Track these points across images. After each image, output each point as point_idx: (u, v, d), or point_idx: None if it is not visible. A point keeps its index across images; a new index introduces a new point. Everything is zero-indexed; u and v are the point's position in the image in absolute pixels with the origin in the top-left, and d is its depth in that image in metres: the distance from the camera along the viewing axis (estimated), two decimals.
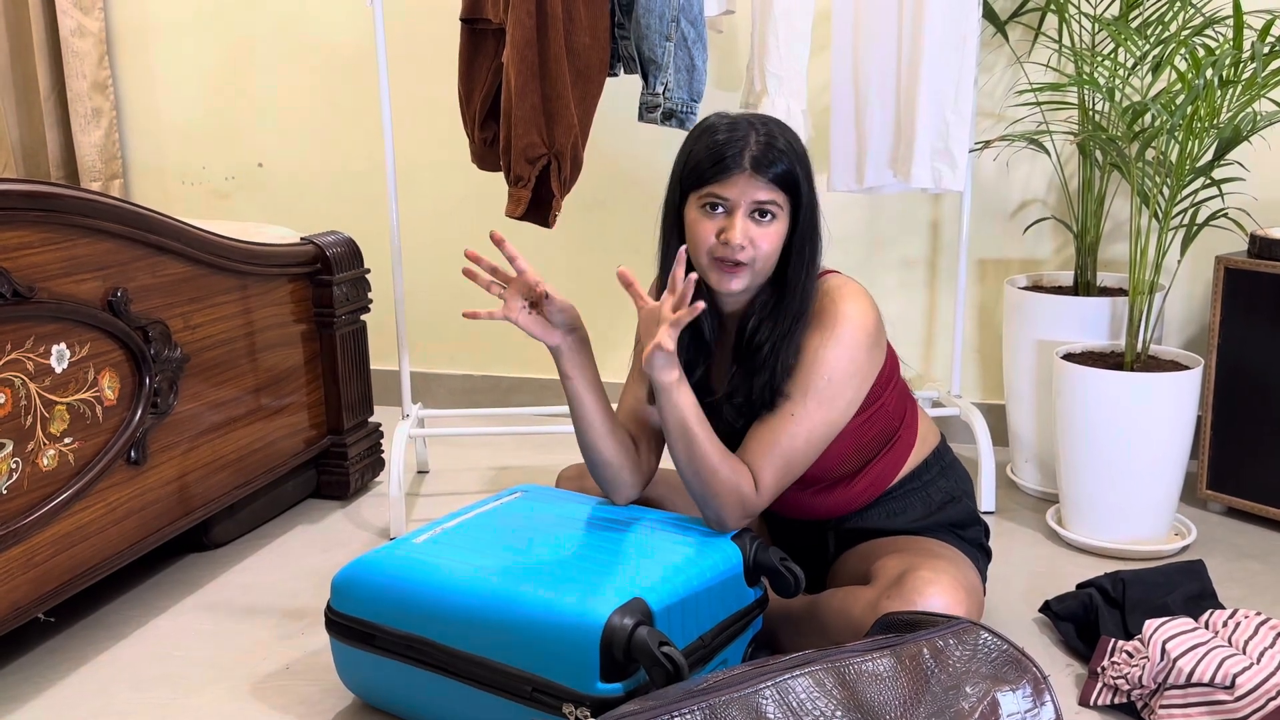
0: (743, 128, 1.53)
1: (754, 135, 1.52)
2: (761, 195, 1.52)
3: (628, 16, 2.14)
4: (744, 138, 1.52)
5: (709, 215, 1.54)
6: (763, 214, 1.53)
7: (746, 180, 1.51)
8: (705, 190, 1.53)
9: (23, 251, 1.64)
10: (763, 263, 1.55)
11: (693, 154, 1.56)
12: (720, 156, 1.51)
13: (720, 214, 1.53)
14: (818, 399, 1.56)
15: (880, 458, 1.69)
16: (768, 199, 1.52)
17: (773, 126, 1.55)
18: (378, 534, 2.30)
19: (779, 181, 1.52)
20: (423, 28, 2.90)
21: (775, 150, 1.52)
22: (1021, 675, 1.19)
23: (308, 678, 1.74)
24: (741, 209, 1.52)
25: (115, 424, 1.84)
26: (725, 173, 1.51)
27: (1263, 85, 1.97)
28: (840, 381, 1.56)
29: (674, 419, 1.53)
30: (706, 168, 1.52)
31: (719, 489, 1.55)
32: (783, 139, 1.54)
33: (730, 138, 1.52)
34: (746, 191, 1.51)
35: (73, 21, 3.12)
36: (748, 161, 1.51)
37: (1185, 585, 1.81)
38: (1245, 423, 2.22)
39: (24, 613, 1.68)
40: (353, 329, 2.47)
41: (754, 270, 1.55)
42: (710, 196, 1.53)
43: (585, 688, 1.36)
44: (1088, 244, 2.38)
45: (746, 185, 1.51)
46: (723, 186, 1.52)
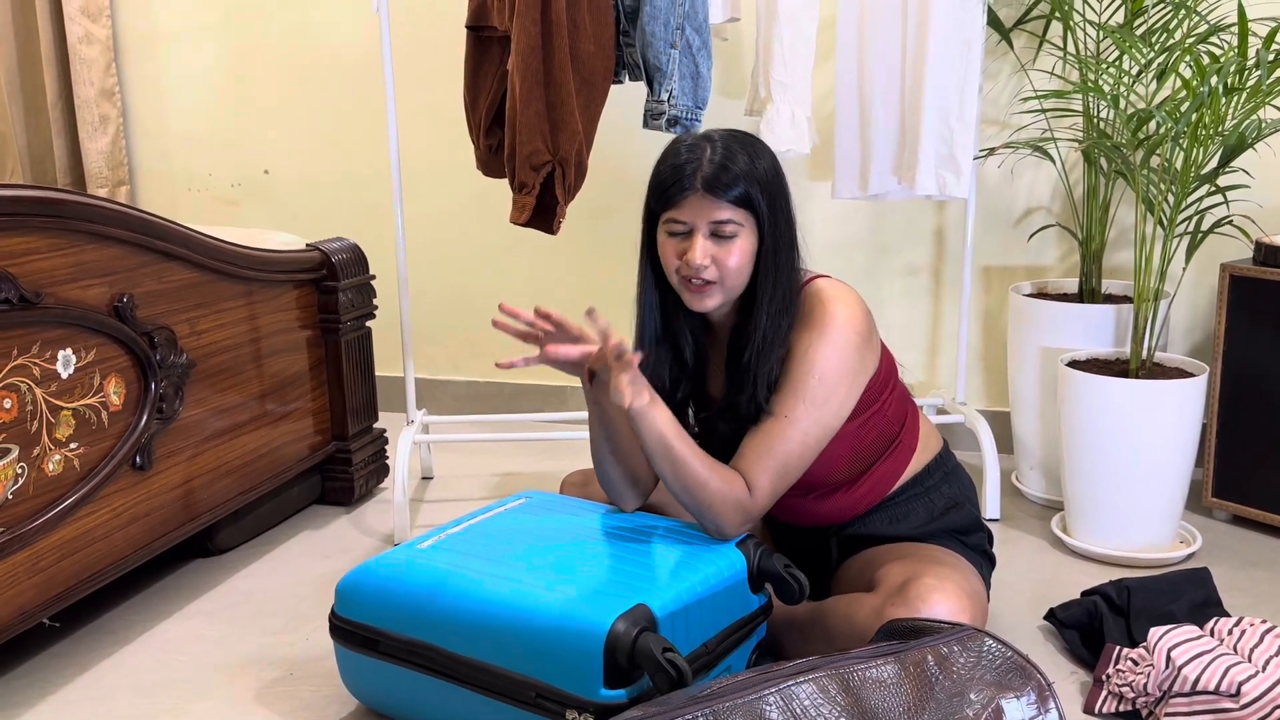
0: (699, 149, 1.54)
1: (708, 156, 1.52)
2: (718, 215, 1.52)
3: (632, 24, 2.15)
4: (698, 159, 1.52)
5: (673, 238, 1.56)
6: (721, 235, 1.53)
7: (699, 200, 1.52)
8: (666, 215, 1.56)
9: (30, 257, 1.64)
10: (731, 279, 1.55)
11: (656, 175, 1.58)
12: (676, 178, 1.53)
13: (682, 237, 1.55)
14: (809, 400, 1.56)
15: (880, 463, 1.69)
16: (724, 218, 1.52)
17: (734, 145, 1.54)
18: (382, 540, 2.30)
19: (736, 201, 1.52)
20: (428, 35, 2.91)
21: (729, 171, 1.51)
22: (1026, 682, 1.19)
23: (312, 683, 1.74)
24: (700, 230, 1.53)
25: (121, 429, 1.85)
26: (680, 194, 1.53)
27: (1267, 93, 1.97)
28: (831, 382, 1.56)
29: (653, 440, 1.53)
30: (665, 189, 1.55)
31: (711, 499, 1.55)
32: (743, 156, 1.53)
33: (687, 159, 1.53)
34: (701, 212, 1.52)
35: (80, 29, 3.13)
36: (699, 183, 1.51)
37: (1190, 593, 1.81)
38: (1251, 430, 2.21)
39: (29, 618, 1.69)
40: (358, 335, 2.48)
41: (724, 287, 1.56)
42: (671, 220, 1.55)
43: (589, 694, 1.36)
44: (1092, 251, 2.38)
45: (700, 206, 1.52)
46: (679, 210, 1.53)
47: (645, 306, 1.64)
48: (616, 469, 1.66)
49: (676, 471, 1.54)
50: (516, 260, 3.05)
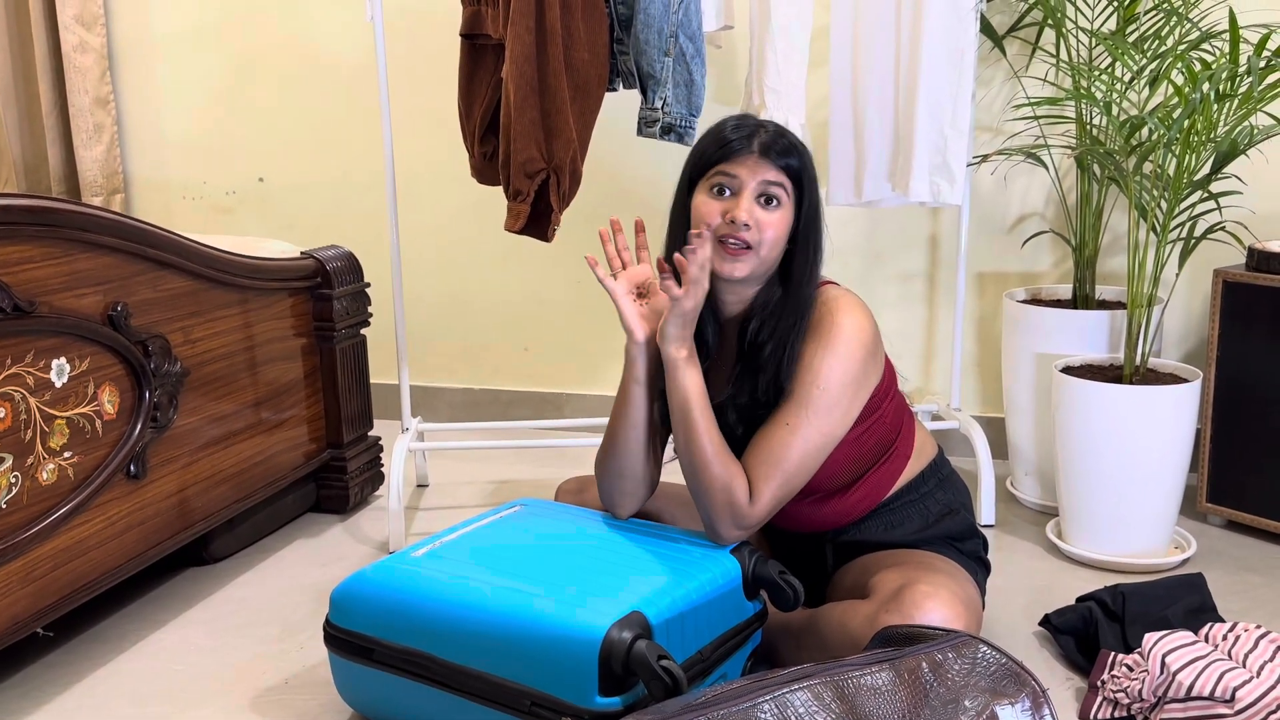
0: (753, 120, 1.60)
1: (764, 127, 1.59)
2: (770, 176, 1.56)
3: (626, 32, 2.15)
4: (754, 126, 1.59)
5: (716, 197, 1.57)
6: (769, 199, 1.56)
7: (755, 161, 1.56)
8: (713, 171, 1.57)
9: (23, 266, 1.64)
10: (767, 249, 1.57)
11: (702, 145, 1.61)
12: (729, 140, 1.57)
13: (728, 196, 1.57)
14: (814, 410, 1.56)
15: (876, 469, 1.70)
16: (775, 180, 1.56)
17: (785, 128, 1.62)
18: (377, 548, 2.29)
19: (786, 169, 1.56)
20: (423, 43, 2.91)
21: (785, 141, 1.58)
22: (1021, 689, 1.19)
23: (307, 692, 1.74)
24: (749, 190, 1.56)
25: (115, 438, 1.85)
26: (734, 153, 1.56)
27: (1259, 99, 1.98)
28: (836, 393, 1.57)
29: (678, 398, 1.56)
30: (714, 152, 1.58)
31: (709, 483, 1.55)
32: (794, 137, 1.60)
33: (740, 125, 1.59)
34: (755, 172, 1.55)
35: (75, 37, 3.13)
36: (757, 146, 1.56)
37: (1185, 598, 1.81)
38: (1245, 435, 2.22)
39: (23, 627, 1.68)
40: (353, 343, 2.48)
41: (758, 256, 1.57)
42: (719, 176, 1.57)
43: (584, 701, 1.36)
44: (1086, 257, 2.38)
45: (755, 166, 1.56)
46: (731, 165, 1.56)
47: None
48: (626, 465, 1.65)
49: (688, 438, 1.56)
50: (511, 267, 3.05)
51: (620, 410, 1.64)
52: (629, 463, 1.65)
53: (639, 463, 1.65)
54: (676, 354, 1.56)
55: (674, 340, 1.55)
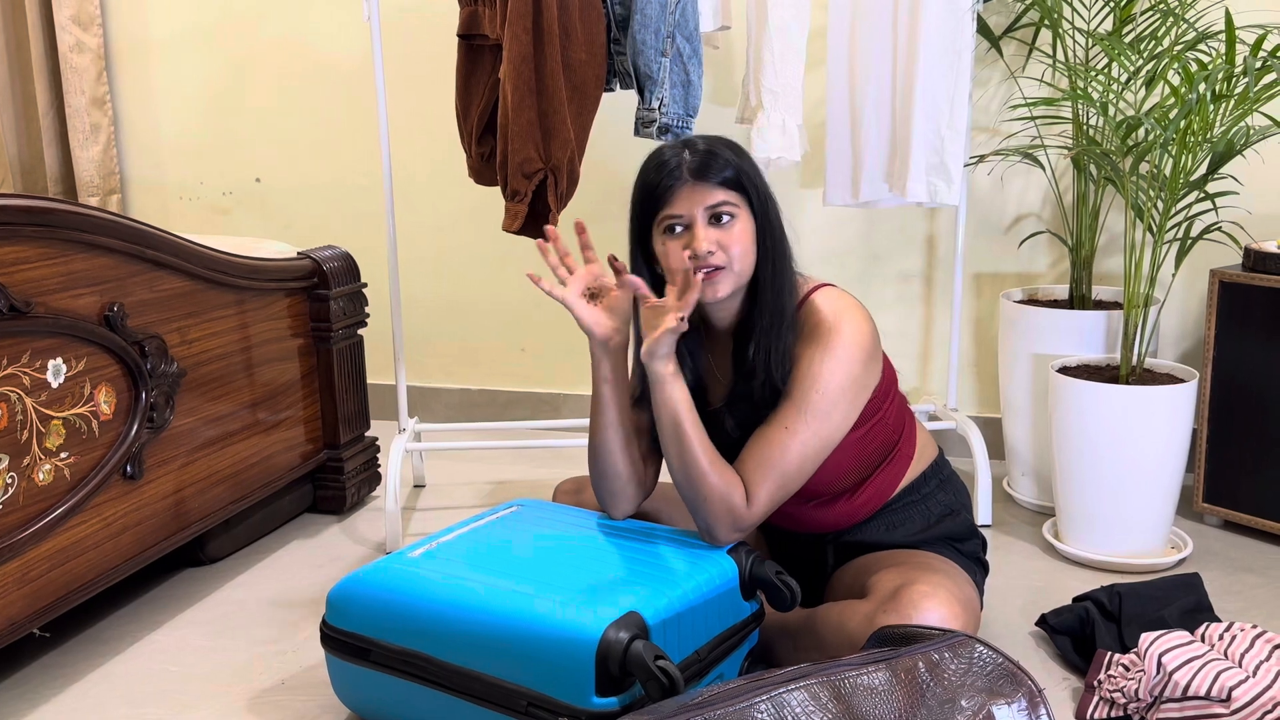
0: (677, 148, 1.57)
1: (689, 150, 1.56)
2: (712, 199, 1.54)
3: (624, 32, 2.15)
4: (679, 153, 1.56)
5: (673, 237, 1.56)
6: (719, 217, 1.55)
7: (690, 190, 1.54)
8: (661, 216, 1.56)
9: (20, 266, 1.64)
10: (739, 262, 1.56)
11: (643, 181, 1.59)
12: (661, 176, 1.55)
13: (682, 232, 1.55)
14: (812, 413, 1.56)
15: (880, 471, 1.70)
16: (719, 200, 1.54)
17: (713, 140, 1.58)
18: (374, 548, 2.29)
19: (725, 184, 1.54)
20: (420, 43, 2.91)
21: (714, 156, 1.55)
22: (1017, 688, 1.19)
23: (304, 693, 1.73)
24: (699, 219, 1.54)
25: (111, 439, 1.84)
26: (670, 189, 1.54)
27: (1255, 99, 1.98)
28: (835, 396, 1.56)
29: (667, 413, 1.55)
30: (653, 190, 1.56)
31: (707, 493, 1.55)
32: (724, 147, 1.57)
33: (665, 160, 1.56)
34: (695, 200, 1.54)
35: (71, 38, 3.13)
36: (686, 172, 1.54)
37: (1181, 598, 1.81)
38: (1241, 436, 2.22)
39: (19, 628, 1.68)
40: (349, 343, 2.48)
41: (733, 272, 1.56)
42: (666, 219, 1.56)
43: (581, 702, 1.36)
44: (1083, 258, 2.39)
45: (692, 194, 1.54)
46: (672, 205, 1.55)
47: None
48: (611, 465, 1.65)
49: (681, 451, 1.55)
50: (509, 268, 3.05)
51: (594, 411, 1.64)
52: (611, 463, 1.65)
53: (621, 462, 1.64)
54: (664, 370, 1.54)
55: (661, 358, 1.54)
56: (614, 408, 1.62)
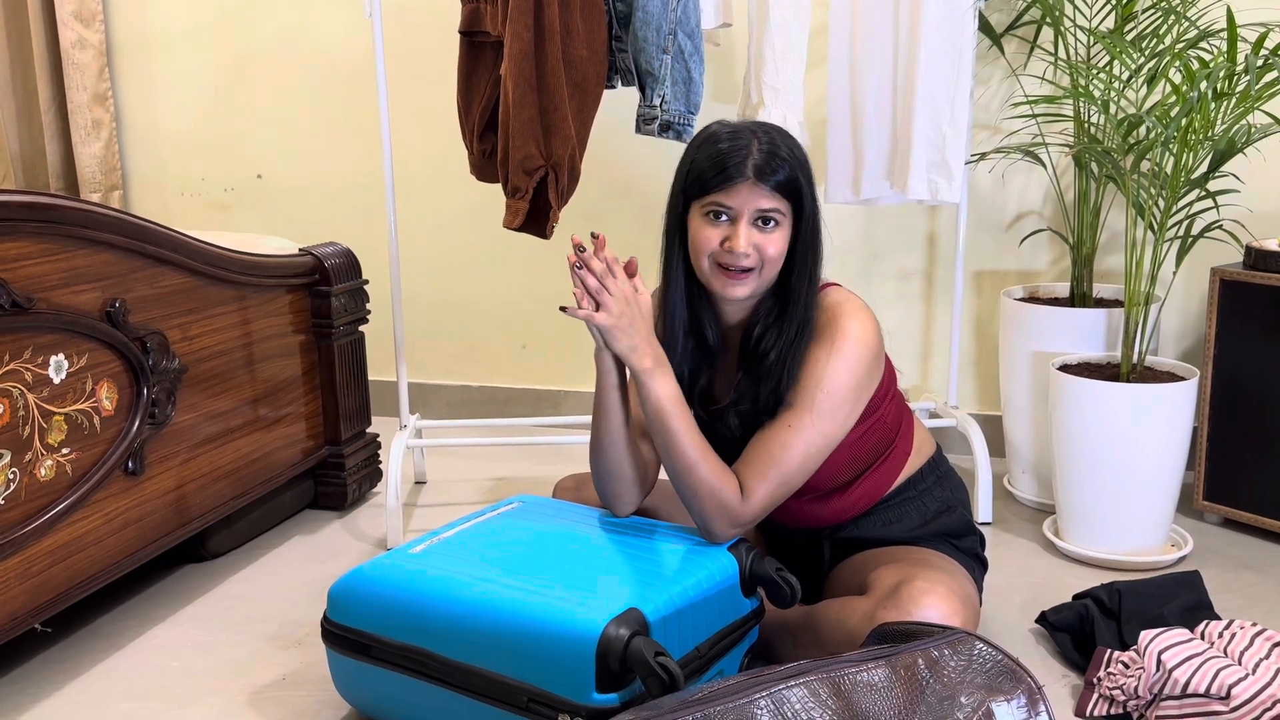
0: (745, 136, 1.54)
1: (756, 144, 1.53)
2: (765, 203, 1.52)
3: (625, 29, 2.15)
4: (746, 146, 1.53)
5: (713, 223, 1.55)
6: (766, 221, 1.54)
7: (750, 189, 1.52)
8: (709, 199, 1.54)
9: (22, 262, 1.64)
10: (769, 268, 1.56)
11: (695, 163, 1.56)
12: (723, 165, 1.52)
13: (724, 222, 1.54)
14: (816, 413, 1.56)
15: (876, 467, 1.70)
16: (771, 207, 1.53)
17: (775, 134, 1.56)
18: (375, 545, 2.30)
19: (782, 189, 1.53)
20: (422, 40, 2.91)
21: (778, 158, 1.52)
22: (1016, 685, 1.19)
23: (305, 689, 1.74)
24: (745, 217, 1.53)
25: (113, 434, 1.85)
26: (729, 181, 1.52)
27: (1257, 98, 1.98)
28: (840, 397, 1.56)
29: (651, 407, 1.54)
30: (710, 176, 1.53)
31: (697, 487, 1.54)
32: (785, 147, 1.55)
33: (733, 146, 1.53)
34: (750, 200, 1.52)
35: (73, 34, 3.13)
36: (750, 170, 1.51)
37: (1181, 596, 1.82)
38: (1242, 434, 2.22)
39: (21, 623, 1.68)
40: (351, 340, 2.48)
41: (760, 276, 1.56)
42: (714, 205, 1.54)
43: (581, 698, 1.36)
44: (1084, 256, 2.39)
45: (750, 193, 1.52)
46: (727, 195, 1.52)
47: (674, 295, 1.63)
48: (615, 467, 1.64)
49: (669, 448, 1.54)
50: (510, 265, 3.05)
51: (600, 414, 1.62)
52: (614, 465, 1.64)
53: (625, 465, 1.64)
54: (640, 364, 1.53)
55: (630, 352, 1.52)
56: (621, 412, 1.61)
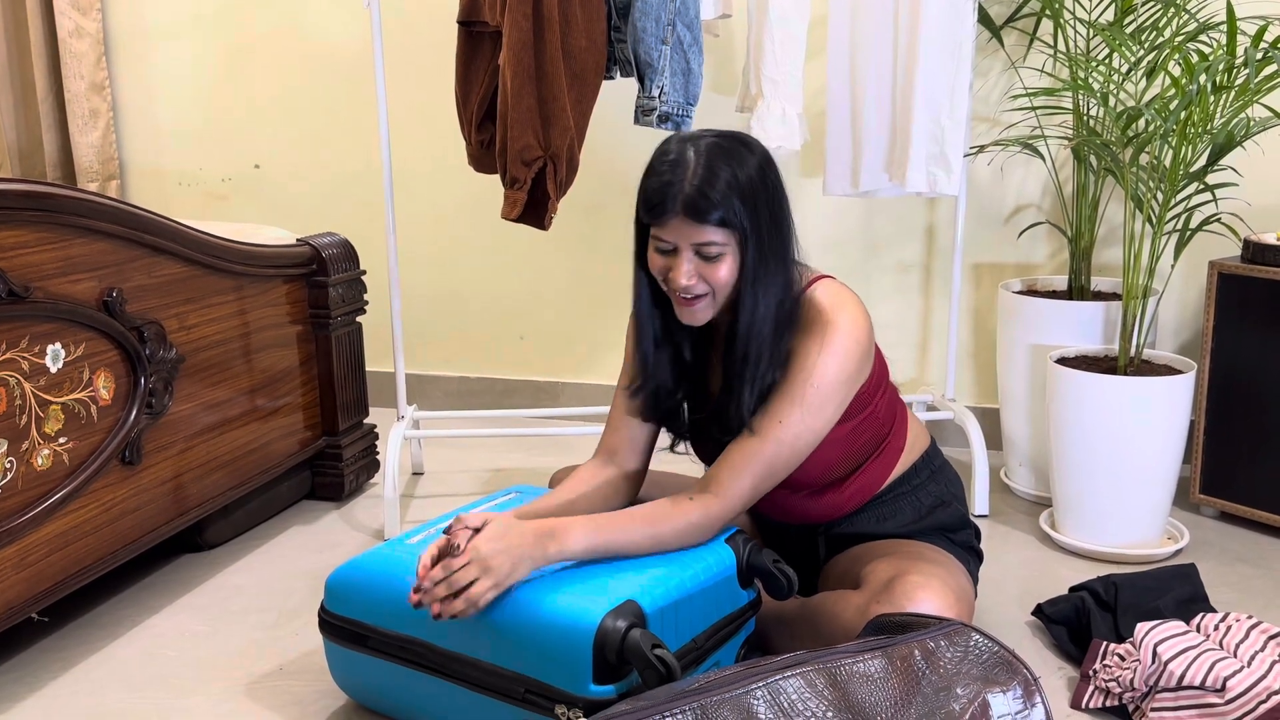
0: (681, 166, 1.48)
1: (688, 175, 1.47)
2: (700, 238, 1.48)
3: (624, 20, 2.15)
4: (680, 179, 1.47)
5: (660, 253, 1.53)
6: (707, 257, 1.50)
7: (680, 224, 1.48)
8: (652, 230, 1.53)
9: (19, 251, 1.64)
10: (721, 292, 1.53)
11: (642, 189, 1.53)
12: (659, 199, 1.48)
13: (669, 254, 1.52)
14: (804, 406, 1.55)
15: (869, 463, 1.70)
16: (706, 240, 1.49)
17: (716, 159, 1.48)
18: (372, 535, 2.30)
19: (718, 224, 1.47)
20: (420, 30, 2.90)
21: (707, 197, 1.46)
22: (1012, 677, 1.20)
23: (302, 678, 1.74)
24: (684, 252, 1.50)
25: (110, 424, 1.84)
26: (662, 215, 1.48)
27: (1256, 91, 1.98)
28: (828, 391, 1.56)
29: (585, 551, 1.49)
30: (649, 207, 1.50)
31: (677, 539, 1.54)
32: (725, 172, 1.47)
33: (669, 180, 1.48)
34: (684, 234, 1.49)
35: (71, 23, 3.12)
36: (680, 206, 1.47)
37: (1177, 589, 1.82)
38: (1238, 427, 2.22)
39: (17, 612, 1.68)
40: (348, 330, 2.48)
41: (715, 300, 1.54)
42: (656, 239, 1.53)
43: (578, 690, 1.36)
44: (1082, 248, 2.39)
45: (681, 229, 1.48)
46: (663, 229, 1.50)
47: (643, 312, 1.62)
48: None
49: (626, 552, 1.52)
50: (508, 255, 3.05)
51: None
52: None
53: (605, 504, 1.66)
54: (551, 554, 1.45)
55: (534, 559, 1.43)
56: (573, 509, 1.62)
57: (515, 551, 1.42)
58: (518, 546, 1.42)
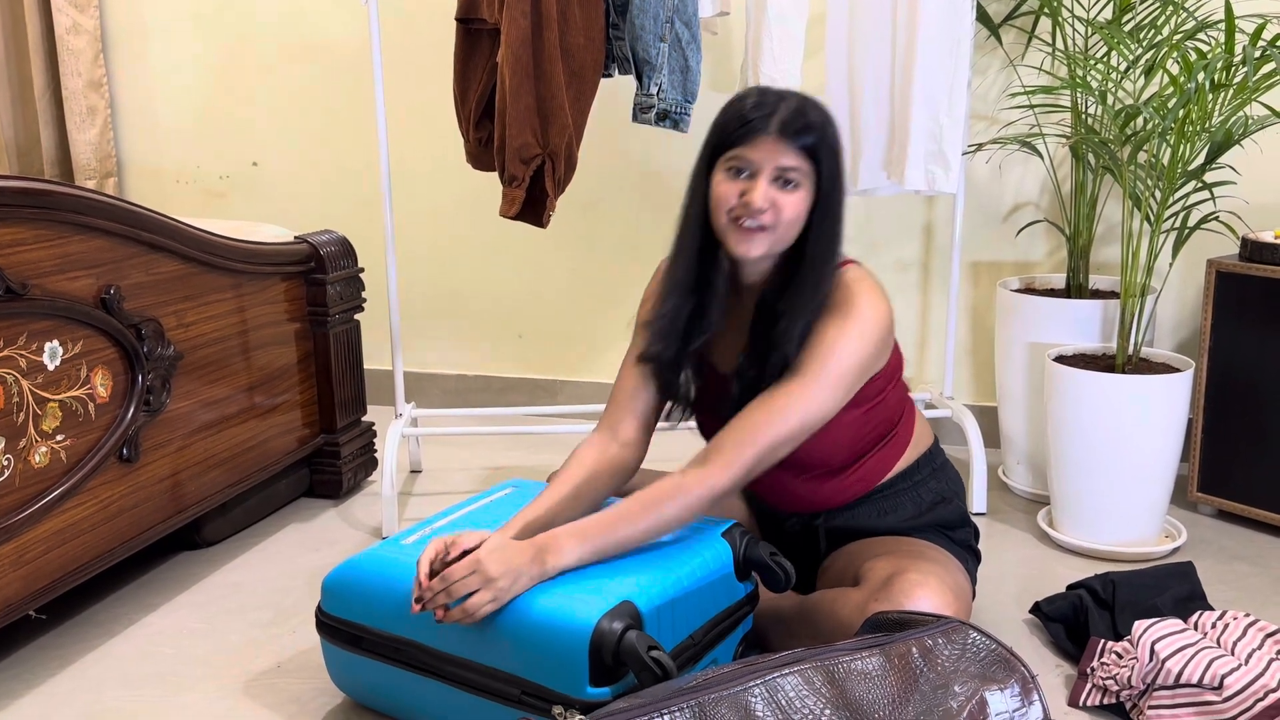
0: (773, 97, 1.55)
1: (784, 104, 1.54)
2: (785, 161, 1.52)
3: (622, 17, 2.15)
4: (774, 104, 1.53)
5: (733, 178, 1.55)
6: (786, 182, 1.53)
7: (772, 144, 1.52)
8: (732, 153, 1.55)
9: (16, 248, 1.64)
10: (784, 229, 1.55)
11: (723, 119, 1.58)
12: (747, 120, 1.53)
13: (744, 177, 1.55)
14: (818, 385, 1.55)
15: (875, 452, 1.70)
16: (791, 165, 1.52)
17: (806, 101, 1.56)
18: (370, 533, 2.30)
19: (805, 150, 1.53)
20: (418, 28, 2.90)
21: (804, 119, 1.53)
22: (1010, 675, 1.20)
23: (299, 676, 1.74)
24: (765, 173, 1.53)
25: (108, 421, 1.84)
26: (751, 135, 1.52)
27: (1254, 89, 1.98)
28: (844, 373, 1.56)
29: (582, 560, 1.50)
30: (734, 130, 1.54)
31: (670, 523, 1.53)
32: (815, 112, 1.55)
33: (760, 103, 1.54)
34: (771, 155, 1.52)
35: (68, 19, 3.12)
36: (774, 127, 1.52)
37: (1175, 587, 1.82)
38: (1236, 425, 2.22)
39: (15, 610, 1.68)
40: (346, 328, 2.47)
41: (774, 235, 1.55)
42: (735, 160, 1.54)
43: (575, 691, 1.36)
44: (1080, 247, 2.39)
45: (771, 149, 1.52)
46: (749, 149, 1.53)
47: (684, 247, 1.63)
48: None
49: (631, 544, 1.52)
50: (506, 253, 3.05)
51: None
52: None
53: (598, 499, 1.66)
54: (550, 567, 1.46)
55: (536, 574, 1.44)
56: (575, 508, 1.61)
57: (515, 568, 1.43)
58: (517, 563, 1.43)
